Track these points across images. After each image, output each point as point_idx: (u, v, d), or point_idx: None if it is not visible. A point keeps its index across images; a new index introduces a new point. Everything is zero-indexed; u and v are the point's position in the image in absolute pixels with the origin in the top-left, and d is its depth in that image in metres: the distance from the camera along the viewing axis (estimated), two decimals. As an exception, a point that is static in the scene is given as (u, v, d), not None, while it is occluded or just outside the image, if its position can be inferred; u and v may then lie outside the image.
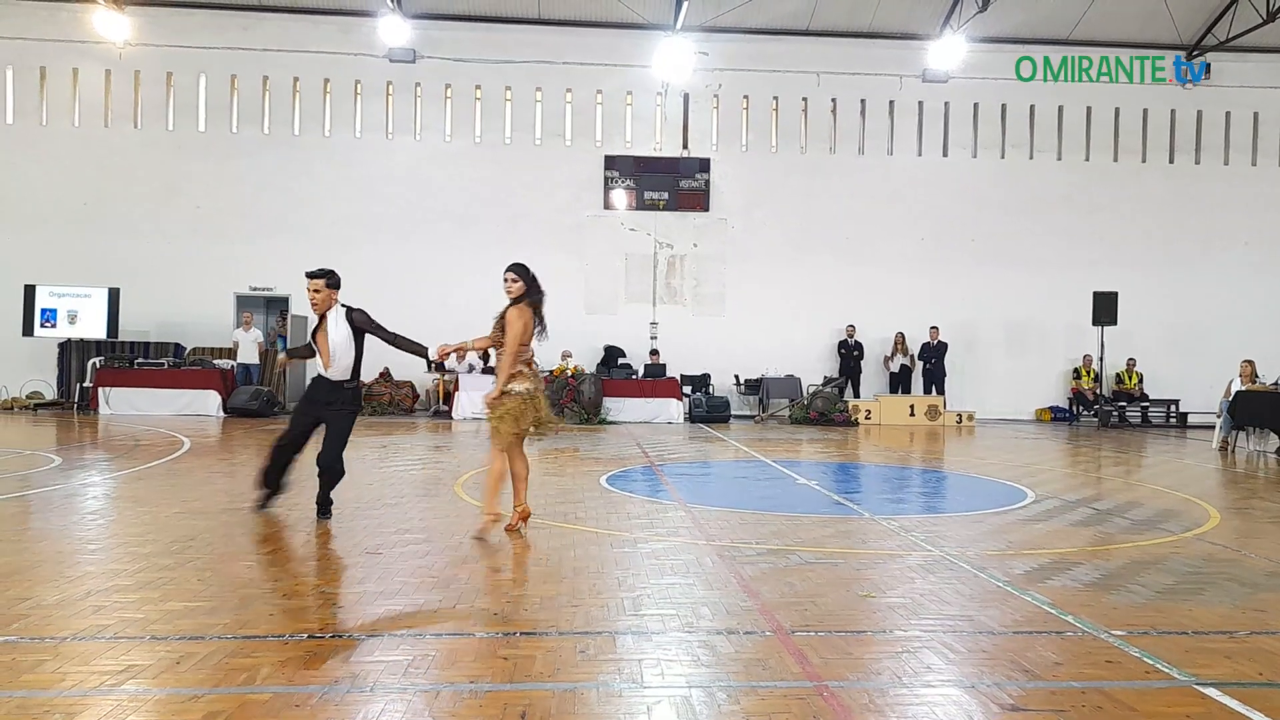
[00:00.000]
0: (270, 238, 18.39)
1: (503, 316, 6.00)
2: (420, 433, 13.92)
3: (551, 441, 12.86)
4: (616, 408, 16.72)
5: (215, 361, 16.83)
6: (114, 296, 17.05)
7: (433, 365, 6.67)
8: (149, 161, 18.35)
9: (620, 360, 18.19)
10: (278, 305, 19.09)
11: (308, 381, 20.81)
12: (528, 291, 5.99)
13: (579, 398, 16.20)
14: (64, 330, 17.01)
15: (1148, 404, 18.68)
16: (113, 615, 4.12)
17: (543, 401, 6.06)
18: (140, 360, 16.73)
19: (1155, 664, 3.70)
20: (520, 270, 6.05)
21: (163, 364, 16.54)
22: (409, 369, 18.00)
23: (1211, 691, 3.41)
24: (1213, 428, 14.04)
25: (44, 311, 16.92)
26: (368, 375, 17.87)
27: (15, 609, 4.18)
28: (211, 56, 18.41)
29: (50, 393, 17.52)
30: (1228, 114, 19.83)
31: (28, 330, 16.93)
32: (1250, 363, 13.52)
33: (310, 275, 6.56)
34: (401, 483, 8.53)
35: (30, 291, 16.86)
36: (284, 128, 18.70)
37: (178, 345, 17.74)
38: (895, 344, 18.70)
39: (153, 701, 3.17)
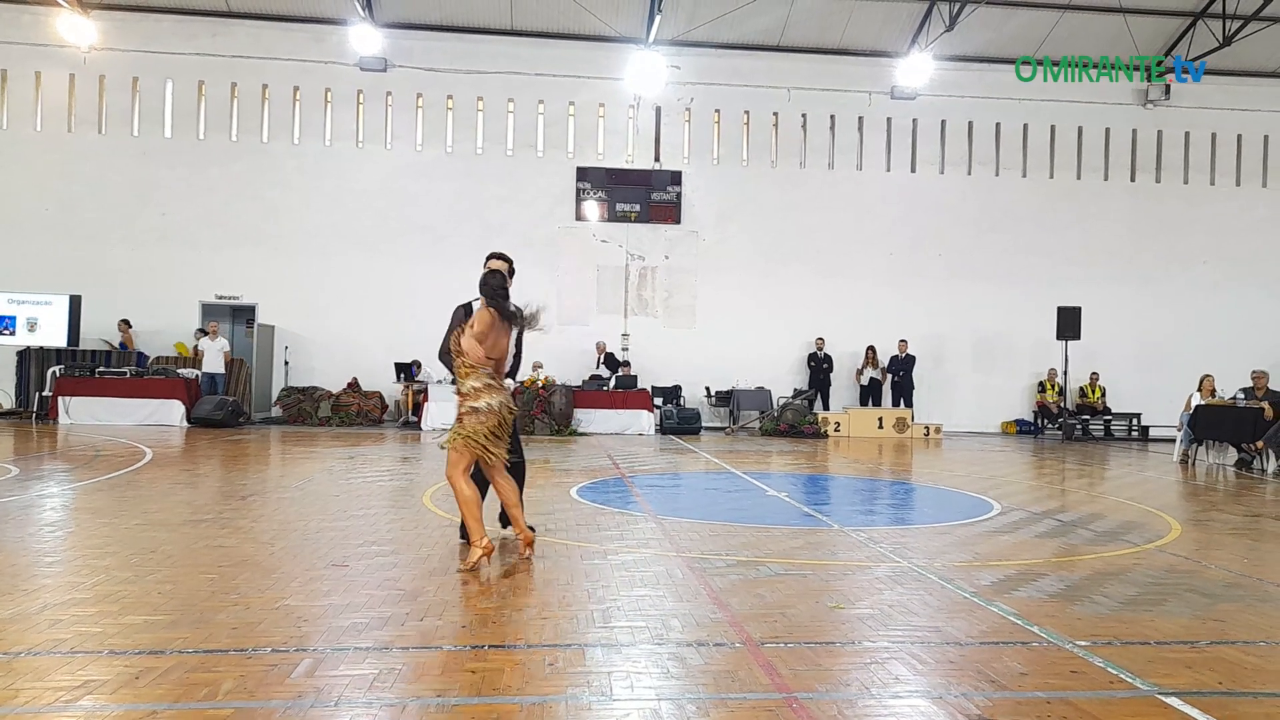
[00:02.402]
0: (237, 246, 18.18)
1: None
2: (388, 444, 13.79)
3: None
4: (587, 419, 16.68)
5: (179, 371, 16.56)
6: (75, 304, 16.73)
7: None
8: (113, 167, 18.08)
9: (595, 372, 18.15)
10: (244, 314, 18.84)
11: (274, 391, 20.20)
12: (481, 291, 5.44)
13: (549, 409, 16.15)
14: (23, 338, 16.65)
15: (1110, 417, 18.99)
16: (70, 629, 4.02)
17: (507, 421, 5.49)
18: (102, 369, 16.42)
19: (1119, 674, 3.75)
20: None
21: (125, 373, 16.24)
22: (377, 379, 17.86)
23: (1173, 701, 3.46)
24: (1174, 441, 14.29)
25: (2, 319, 16.55)
26: (336, 385, 17.70)
27: (-33, 623, 4.07)
28: (179, 62, 18.20)
29: (8, 402, 17.14)
30: (1187, 134, 20.31)
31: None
32: (1210, 377, 13.79)
33: (501, 256, 5.78)
34: (369, 494, 8.43)
35: (-12, 298, 16.51)
36: (252, 135, 18.52)
37: (141, 354, 17.44)
38: (866, 357, 18.86)
39: (110, 717, 3.09)
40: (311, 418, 17.03)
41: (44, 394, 16.25)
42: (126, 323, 17.58)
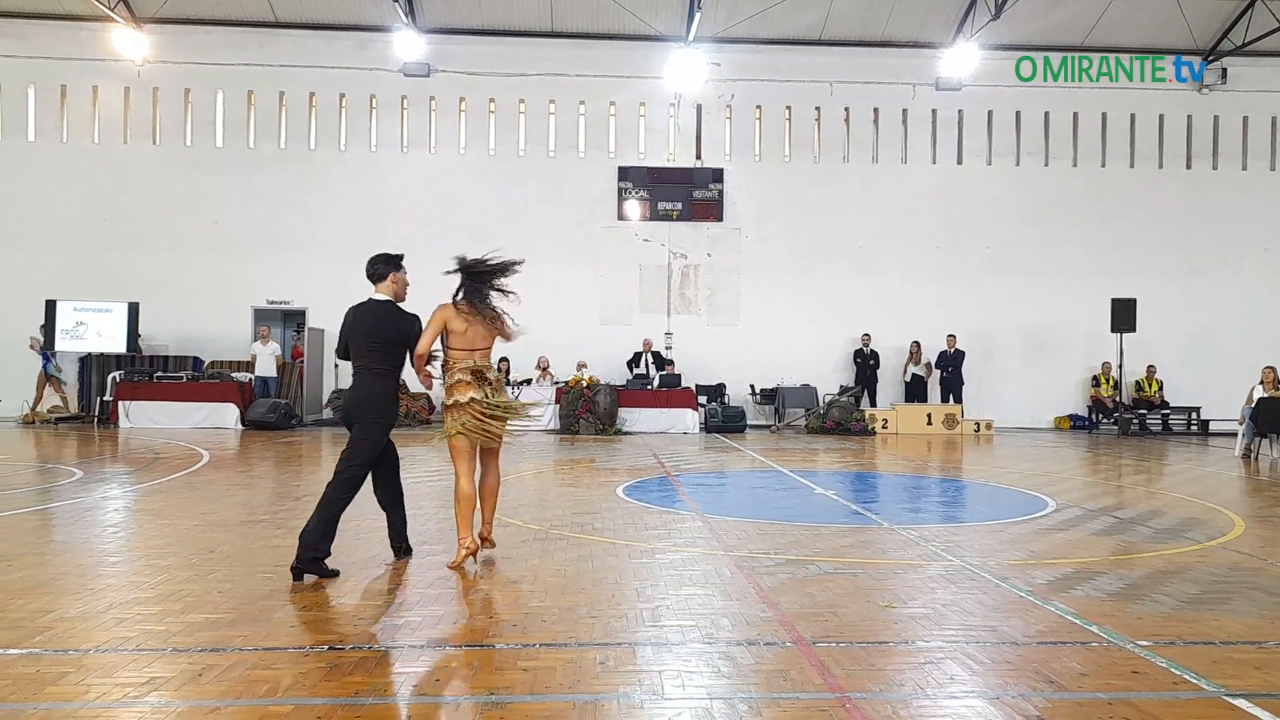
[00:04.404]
0: (286, 252, 18.53)
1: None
2: (436, 443, 13.95)
3: (569, 452, 12.89)
4: (632, 418, 16.70)
5: (233, 375, 16.94)
6: (134, 311, 17.21)
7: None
8: (167, 177, 18.54)
9: (639, 371, 18.15)
10: (295, 318, 19.21)
11: (325, 394, 20.57)
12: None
13: (594, 409, 16.20)
14: (84, 344, 17.17)
15: (1168, 411, 18.49)
16: (135, 628, 4.14)
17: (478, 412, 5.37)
18: (159, 374, 16.86)
19: (1183, 675, 3.65)
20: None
21: (181, 377, 16.66)
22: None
23: (1241, 703, 3.36)
24: (1235, 435, 13.88)
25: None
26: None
27: (39, 621, 4.21)
28: (229, 73, 18.60)
29: (71, 407, 17.67)
30: (1245, 119, 19.68)
31: (49, 345, 17.09)
32: (1273, 369, 13.36)
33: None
34: (418, 494, 8.52)
35: (51, 307, 17.04)
36: (300, 143, 18.86)
37: (196, 359, 17.87)
38: (911, 353, 18.61)
39: (175, 714, 3.18)
40: (361, 419, 17.27)
41: (105, 399, 16.73)
42: (299, 328, 18.11)
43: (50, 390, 17.23)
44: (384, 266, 5.50)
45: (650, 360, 18.15)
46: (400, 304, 5.58)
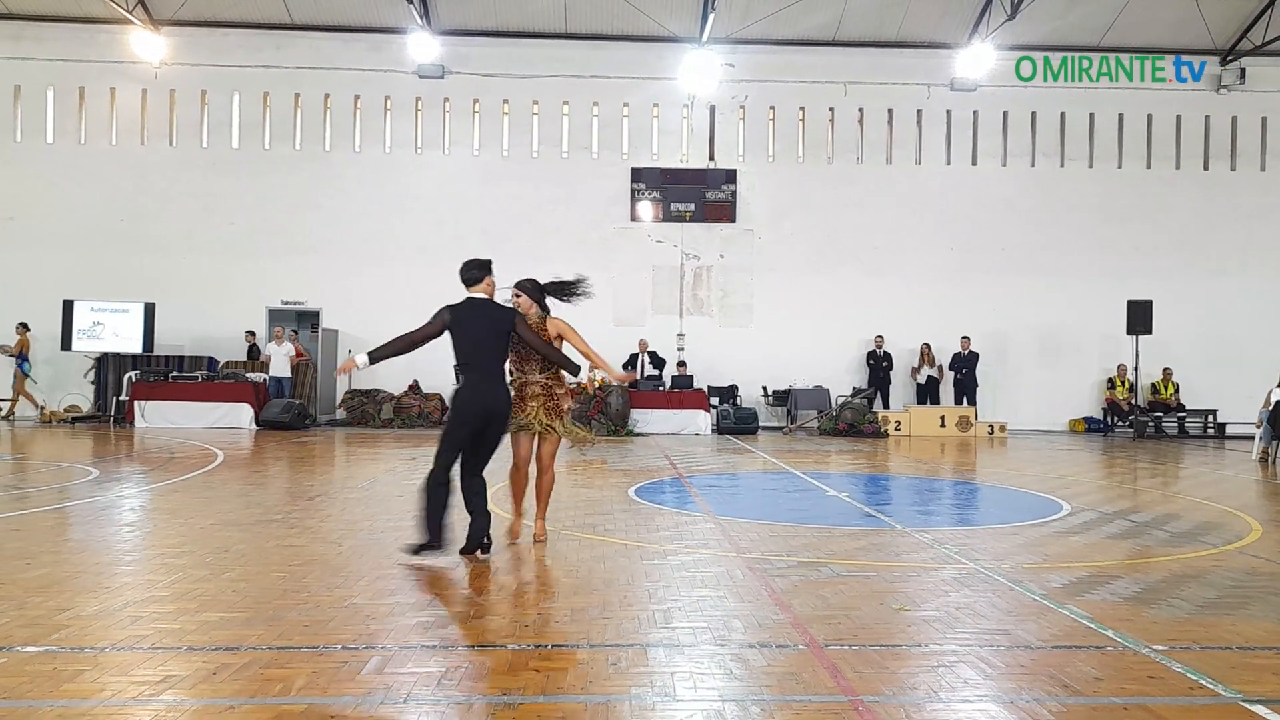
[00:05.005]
0: (301, 253, 18.63)
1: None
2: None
3: (580, 453, 12.88)
4: (644, 419, 16.70)
5: (248, 375, 17.04)
6: (150, 311, 17.34)
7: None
8: (184, 179, 18.67)
9: (650, 372, 18.13)
10: (309, 319, 19.31)
11: (339, 394, 20.43)
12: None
13: (606, 409, 16.20)
14: (101, 344, 17.31)
15: (1185, 414, 18.34)
16: (150, 626, 4.17)
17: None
18: (175, 374, 16.98)
19: (1200, 680, 3.62)
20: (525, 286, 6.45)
21: (197, 377, 16.77)
22: (438, 381, 18.10)
23: (1259, 709, 3.32)
24: (1252, 438, 13.75)
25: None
26: (397, 387, 17.95)
27: (55, 619, 4.24)
28: (245, 75, 18.72)
29: (88, 406, 17.83)
30: (1264, 119, 19.49)
31: (66, 345, 17.25)
32: (1291, 372, 13.24)
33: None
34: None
35: (69, 307, 17.19)
36: (315, 144, 18.96)
37: (211, 359, 17.99)
38: (921, 354, 18.53)
39: (190, 712, 3.20)
40: (374, 420, 17.36)
41: (121, 398, 16.85)
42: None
43: (20, 391, 17.07)
44: (479, 271, 5.97)
45: (646, 361, 18.03)
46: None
